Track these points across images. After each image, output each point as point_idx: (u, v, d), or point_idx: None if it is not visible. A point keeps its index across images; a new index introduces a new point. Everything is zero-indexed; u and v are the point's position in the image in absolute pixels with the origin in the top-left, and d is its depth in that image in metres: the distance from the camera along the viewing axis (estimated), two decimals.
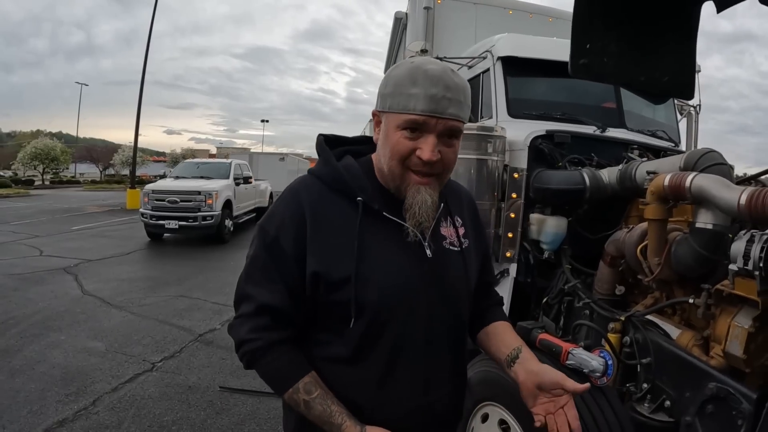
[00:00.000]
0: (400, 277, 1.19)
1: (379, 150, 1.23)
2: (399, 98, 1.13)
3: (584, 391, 1.24)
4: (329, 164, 1.25)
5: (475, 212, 1.48)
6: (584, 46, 1.77)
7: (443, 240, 1.30)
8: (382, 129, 1.21)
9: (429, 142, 1.13)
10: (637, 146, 3.25)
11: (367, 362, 1.20)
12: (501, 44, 3.79)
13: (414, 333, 1.21)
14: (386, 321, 1.18)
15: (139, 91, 20.58)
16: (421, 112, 1.11)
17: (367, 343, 1.19)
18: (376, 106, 1.23)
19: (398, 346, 1.20)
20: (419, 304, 1.21)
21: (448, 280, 1.28)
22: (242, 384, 4.30)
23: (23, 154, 39.72)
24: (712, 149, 2.34)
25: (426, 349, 1.23)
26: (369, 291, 1.15)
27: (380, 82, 1.22)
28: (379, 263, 1.17)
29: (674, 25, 1.83)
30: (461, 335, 1.37)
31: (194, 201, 11.60)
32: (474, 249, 1.39)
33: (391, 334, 1.19)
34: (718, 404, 1.82)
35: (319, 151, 1.30)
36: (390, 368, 1.20)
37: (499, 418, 2.03)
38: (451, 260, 1.30)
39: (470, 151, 3.11)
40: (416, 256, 1.22)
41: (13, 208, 19.70)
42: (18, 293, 6.90)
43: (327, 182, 1.23)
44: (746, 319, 1.85)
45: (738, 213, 1.84)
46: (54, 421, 3.56)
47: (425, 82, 1.11)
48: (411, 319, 1.21)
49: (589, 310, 2.71)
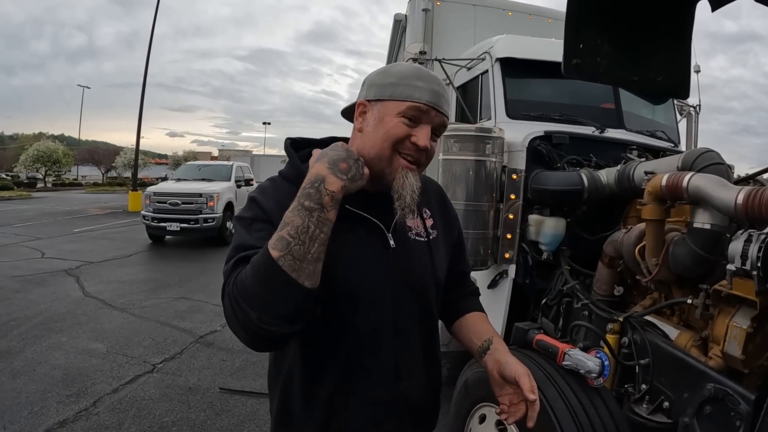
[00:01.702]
0: (362, 267, 1.23)
1: (365, 137, 1.23)
2: (403, 88, 1.20)
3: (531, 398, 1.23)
4: (294, 165, 1.30)
5: (444, 204, 1.51)
6: (577, 47, 1.77)
7: (409, 231, 1.33)
8: (374, 115, 1.22)
9: (425, 131, 1.20)
10: (636, 147, 3.26)
11: (336, 349, 1.23)
12: (499, 46, 3.80)
13: (380, 322, 1.24)
14: (351, 310, 1.22)
15: (141, 93, 20.62)
16: (427, 102, 1.19)
17: (334, 331, 1.22)
18: (365, 96, 1.25)
19: (365, 335, 1.23)
20: (383, 294, 1.24)
21: (413, 269, 1.30)
22: (242, 385, 4.31)
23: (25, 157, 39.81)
24: (709, 149, 2.34)
25: (394, 337, 1.26)
26: (331, 281, 1.14)
27: (372, 75, 1.27)
28: (342, 255, 1.18)
29: (668, 25, 1.83)
30: (431, 324, 1.39)
31: (196, 203, 11.61)
32: (443, 239, 1.43)
33: (356, 322, 1.22)
34: (716, 405, 1.82)
35: (286, 153, 1.35)
36: (358, 356, 1.23)
37: (497, 419, 2.03)
38: (416, 250, 1.33)
39: (469, 152, 3.12)
40: (381, 247, 1.26)
41: (15, 210, 19.76)
42: (19, 295, 6.91)
43: (291, 180, 1.24)
44: (744, 320, 1.85)
45: (735, 213, 1.84)
46: (55, 422, 3.57)
47: (429, 79, 1.22)
48: (376, 309, 1.24)
49: (588, 311, 2.72)
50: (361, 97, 1.27)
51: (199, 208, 11.58)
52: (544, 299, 3.10)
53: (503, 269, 3.23)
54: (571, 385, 1.77)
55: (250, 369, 4.67)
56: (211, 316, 6.29)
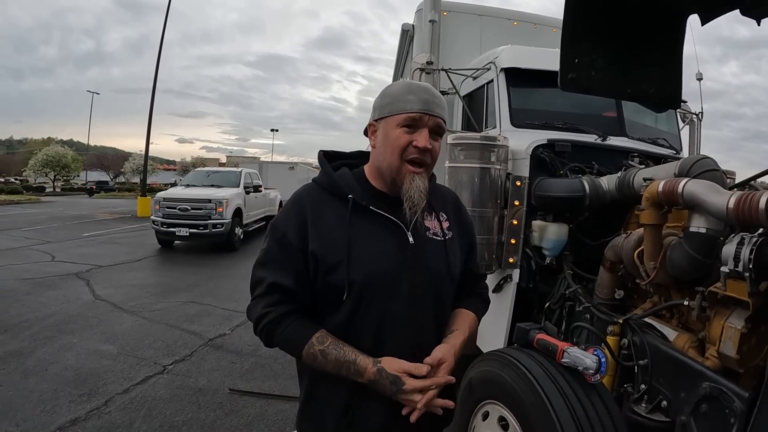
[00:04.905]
0: (383, 261, 1.40)
1: (378, 151, 1.46)
2: (397, 104, 1.41)
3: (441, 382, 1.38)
4: (327, 173, 1.50)
5: (459, 210, 1.67)
6: (573, 61, 1.86)
7: (427, 230, 1.50)
8: (380, 133, 1.45)
9: (423, 134, 1.40)
10: (637, 154, 3.32)
11: (358, 336, 1.39)
12: (504, 56, 3.88)
13: (397, 312, 1.40)
14: (371, 299, 1.38)
15: (151, 98, 20.79)
16: (418, 110, 1.39)
17: (356, 318, 1.39)
18: (373, 118, 1.49)
19: (383, 323, 1.40)
20: (401, 286, 1.41)
21: (429, 264, 1.46)
22: (251, 387, 4.37)
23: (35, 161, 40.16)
24: (705, 156, 2.41)
25: (410, 327, 1.42)
26: (356, 272, 1.36)
27: (376, 99, 1.49)
28: (366, 249, 1.39)
29: (660, 39, 1.91)
30: (445, 317, 1.54)
31: (205, 209, 11.70)
32: (458, 241, 1.58)
33: (376, 311, 1.39)
34: (711, 403, 1.88)
35: (320, 164, 1.56)
36: (377, 343, 1.39)
37: (499, 415, 2.10)
38: (433, 248, 1.49)
39: (474, 160, 3.19)
40: (400, 243, 1.43)
41: (25, 214, 19.97)
42: (31, 297, 7.02)
43: (324, 187, 1.49)
44: (739, 320, 1.91)
45: (727, 217, 1.91)
46: (67, 420, 3.65)
47: (418, 91, 1.42)
48: (394, 299, 1.40)
49: (589, 314, 2.77)
50: (371, 119, 1.50)
51: (208, 214, 11.67)
52: (547, 303, 3.15)
53: (507, 273, 3.30)
54: (569, 381, 1.83)
55: (258, 371, 4.74)
56: (219, 319, 6.37)
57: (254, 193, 14.26)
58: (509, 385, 2.00)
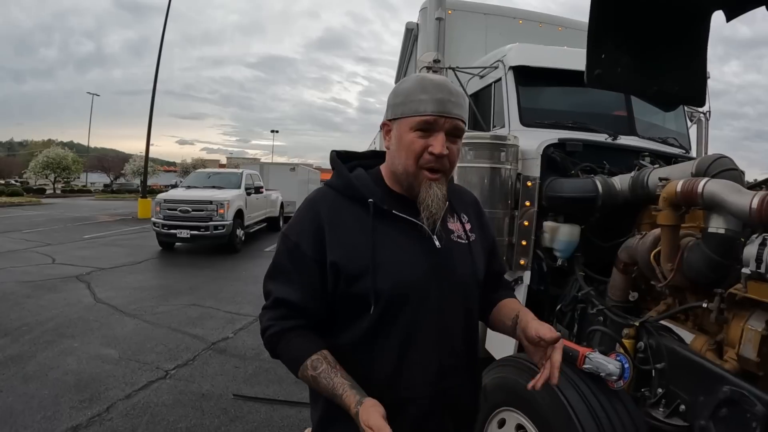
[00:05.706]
0: (411, 267, 1.32)
1: (392, 154, 1.37)
2: (411, 104, 1.30)
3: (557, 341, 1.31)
4: (342, 175, 1.41)
5: (478, 211, 1.60)
6: (599, 57, 1.82)
7: (451, 234, 1.42)
8: (393, 135, 1.36)
9: (439, 139, 1.29)
10: (648, 153, 3.27)
11: (383, 347, 1.31)
12: (512, 54, 3.84)
13: (426, 320, 1.32)
14: (400, 308, 1.30)
15: (151, 100, 20.77)
16: (432, 113, 1.28)
17: (382, 329, 1.31)
18: (386, 117, 1.39)
19: (411, 332, 1.31)
20: (430, 293, 1.33)
21: (457, 269, 1.39)
22: (256, 392, 4.31)
23: (35, 163, 40.17)
24: (723, 155, 2.36)
25: (439, 335, 1.34)
26: (383, 281, 1.27)
27: (389, 95, 1.39)
28: (392, 256, 1.30)
29: (685, 36, 1.88)
30: (472, 324, 1.47)
31: (206, 210, 11.66)
32: (480, 243, 1.51)
33: (404, 320, 1.30)
34: (732, 407, 1.84)
35: (333, 165, 1.46)
36: (404, 352, 1.31)
37: (516, 423, 2.05)
38: (459, 251, 1.42)
39: (484, 160, 3.15)
40: (426, 248, 1.35)
41: (25, 216, 19.93)
42: (31, 300, 6.96)
43: (340, 191, 1.39)
44: (759, 323, 1.87)
45: (749, 217, 1.86)
46: (68, 427, 3.58)
47: (432, 89, 1.29)
48: (423, 307, 1.32)
49: (603, 317, 2.73)
50: (385, 118, 1.39)
51: (209, 216, 11.63)
52: (559, 305, 3.11)
53: (518, 276, 3.25)
54: (592, 388, 1.79)
55: (263, 376, 4.68)
56: (222, 323, 6.31)
57: (255, 195, 14.21)
58: (526, 392, 1.94)
